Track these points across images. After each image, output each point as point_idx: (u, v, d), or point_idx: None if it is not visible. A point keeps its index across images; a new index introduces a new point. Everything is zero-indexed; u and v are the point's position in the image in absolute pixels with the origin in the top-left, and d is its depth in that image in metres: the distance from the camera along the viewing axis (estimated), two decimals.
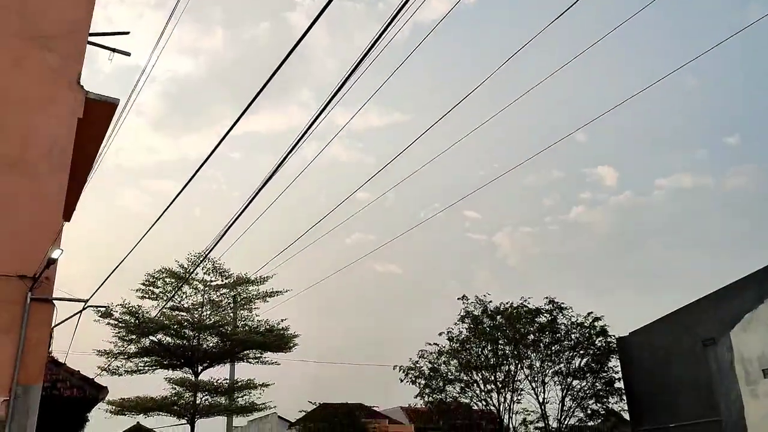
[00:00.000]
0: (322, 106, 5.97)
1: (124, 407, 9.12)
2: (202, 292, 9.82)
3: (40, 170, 9.49)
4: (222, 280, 10.03)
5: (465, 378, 29.97)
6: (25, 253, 9.17)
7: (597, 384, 29.09)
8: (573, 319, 29.30)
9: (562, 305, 29.34)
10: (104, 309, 9.57)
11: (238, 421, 33.79)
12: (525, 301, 29.77)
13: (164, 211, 7.19)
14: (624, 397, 27.49)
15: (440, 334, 30.60)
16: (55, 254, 8.81)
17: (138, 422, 28.08)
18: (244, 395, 9.70)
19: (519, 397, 29.71)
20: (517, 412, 30.28)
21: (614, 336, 28.19)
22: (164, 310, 9.72)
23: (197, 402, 9.36)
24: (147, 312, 9.59)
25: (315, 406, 42.42)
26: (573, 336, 29.10)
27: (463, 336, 30.08)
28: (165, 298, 9.81)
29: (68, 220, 9.83)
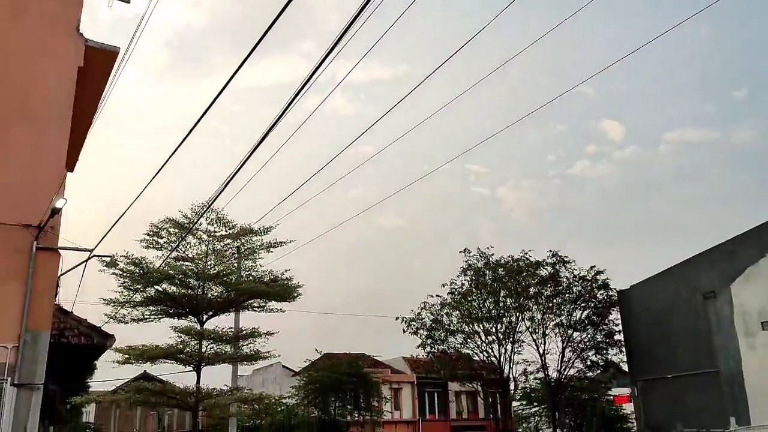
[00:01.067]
0: (324, 56, 5.90)
1: (130, 355, 9.32)
2: (206, 242, 9.92)
3: (42, 120, 9.46)
4: (226, 231, 10.13)
5: (466, 329, 30.40)
6: (29, 203, 9.22)
7: (597, 336, 29.51)
8: (575, 273, 29.54)
9: (565, 258, 29.55)
10: (109, 259, 9.65)
11: (243, 369, 34.43)
12: (527, 254, 29.94)
13: (168, 159, 7.20)
14: (623, 349, 27.90)
15: (443, 286, 30.94)
16: (59, 204, 8.85)
17: (145, 371, 28.68)
18: (249, 344, 9.93)
19: (520, 349, 30.22)
20: (517, 363, 30.87)
21: (615, 289, 28.44)
22: (168, 261, 9.84)
23: (203, 350, 9.55)
24: (151, 262, 9.72)
25: (318, 356, 43.24)
26: (574, 289, 29.37)
27: (465, 288, 30.38)
28: (169, 248, 9.91)
29: (71, 171, 9.84)
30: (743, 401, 20.42)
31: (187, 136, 6.70)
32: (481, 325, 29.98)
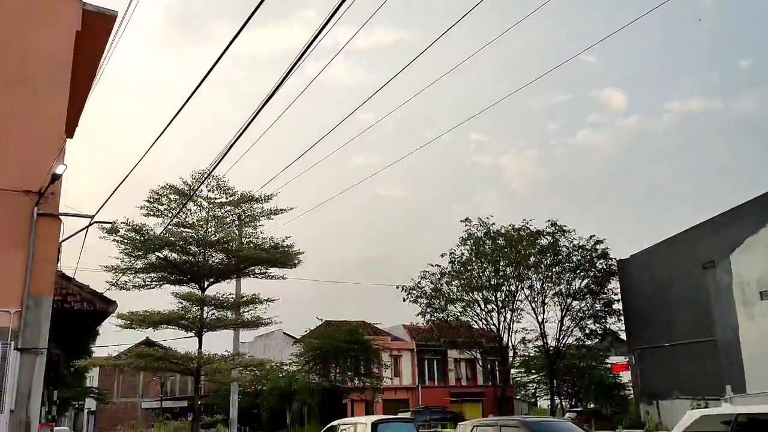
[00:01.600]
0: (325, 21, 5.81)
1: (133, 321, 9.36)
2: (207, 209, 9.89)
3: (40, 85, 9.38)
4: (227, 198, 10.07)
5: (466, 298, 30.59)
6: (29, 169, 9.19)
7: (596, 305, 29.71)
8: (575, 242, 29.61)
9: (565, 228, 29.59)
10: (110, 225, 9.66)
11: (245, 336, 34.74)
12: (527, 223, 29.97)
13: (169, 124, 7.15)
14: (622, 318, 28.11)
15: (442, 256, 31.06)
16: (59, 170, 8.82)
17: (147, 337, 28.91)
18: (250, 310, 9.97)
19: (519, 317, 30.47)
20: (516, 331, 31.14)
21: (615, 258, 28.53)
22: (169, 227, 9.82)
23: (204, 316, 9.60)
24: (152, 229, 9.71)
25: (319, 323, 43.61)
26: (574, 258, 29.48)
27: (464, 257, 30.48)
28: (169, 215, 9.87)
29: (71, 137, 9.79)
30: (739, 369, 20.61)
31: (187, 100, 6.65)
32: (480, 294, 30.17)
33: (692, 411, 10.04)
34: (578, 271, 29.30)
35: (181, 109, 6.77)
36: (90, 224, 10.46)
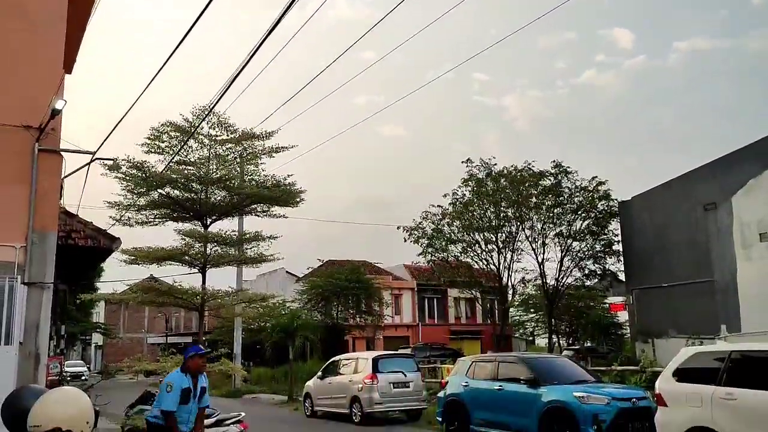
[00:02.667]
0: None
1: (137, 256, 9.45)
2: (208, 147, 9.82)
3: (38, 19, 9.24)
4: (228, 135, 9.98)
5: (467, 239, 30.74)
6: (28, 105, 9.15)
7: (596, 246, 29.87)
8: (577, 183, 29.54)
9: (567, 169, 29.47)
10: (112, 162, 9.65)
11: (248, 274, 35.17)
12: (529, 164, 29.85)
13: (168, 58, 7.04)
14: (621, 259, 28.30)
15: (444, 196, 31.06)
16: (58, 105, 8.76)
17: (151, 275, 29.27)
18: (253, 247, 10.02)
19: (519, 257, 30.69)
20: (516, 271, 31.45)
21: (616, 200, 28.54)
22: (171, 165, 9.79)
23: (207, 252, 9.67)
24: (153, 166, 9.69)
25: (321, 263, 44.09)
26: (576, 199, 29.46)
27: (466, 198, 30.49)
28: (171, 152, 9.82)
29: (69, 72, 9.66)
30: (735, 310, 20.92)
31: (188, 33, 6.52)
32: (481, 235, 30.30)
33: (687, 348, 10.24)
34: (579, 213, 29.34)
35: (180, 43, 6.65)
36: (92, 161, 10.45)
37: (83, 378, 40.22)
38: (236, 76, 7.19)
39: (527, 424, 11.81)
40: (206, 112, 9.15)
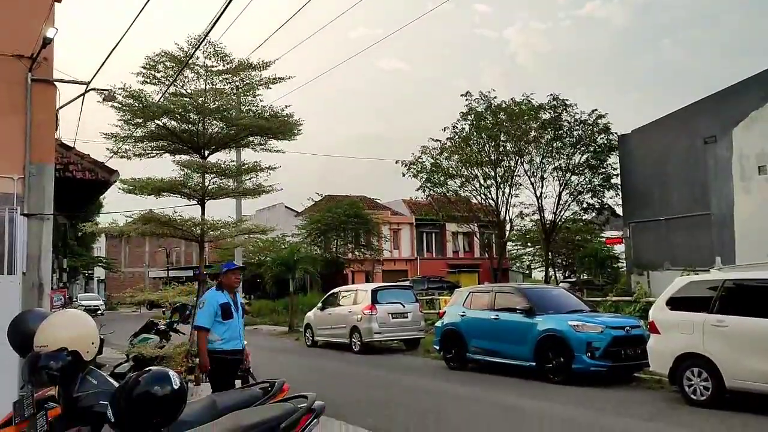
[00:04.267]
0: None
1: (135, 187, 9.44)
2: (204, 78, 9.67)
3: None
4: (224, 66, 9.82)
5: (465, 173, 30.72)
6: (19, 34, 8.97)
7: (594, 179, 29.89)
8: (576, 116, 29.31)
9: (567, 102, 29.18)
10: (107, 92, 9.52)
11: (248, 209, 35.33)
12: (528, 97, 29.51)
13: None
14: (619, 192, 28.36)
15: (443, 130, 30.87)
16: (50, 33, 8.59)
17: (150, 209, 29.30)
18: (251, 178, 10.00)
19: (517, 192, 30.75)
20: (514, 205, 31.58)
21: (616, 133, 28.38)
22: (167, 95, 9.67)
23: (206, 184, 9.68)
24: (150, 96, 9.55)
25: (320, 198, 44.23)
26: (575, 133, 29.29)
27: (465, 132, 30.29)
28: (167, 83, 9.69)
29: (59, 1, 9.42)
30: (731, 242, 21.10)
31: None
32: (480, 169, 30.26)
33: (680, 277, 10.39)
34: (579, 146, 29.21)
35: None
36: (86, 91, 10.33)
37: (100, 313, 38.12)
38: (228, 3, 7.02)
39: (523, 351, 12.10)
40: (201, 40, 9.01)
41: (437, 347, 14.60)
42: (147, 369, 3.15)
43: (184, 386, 3.11)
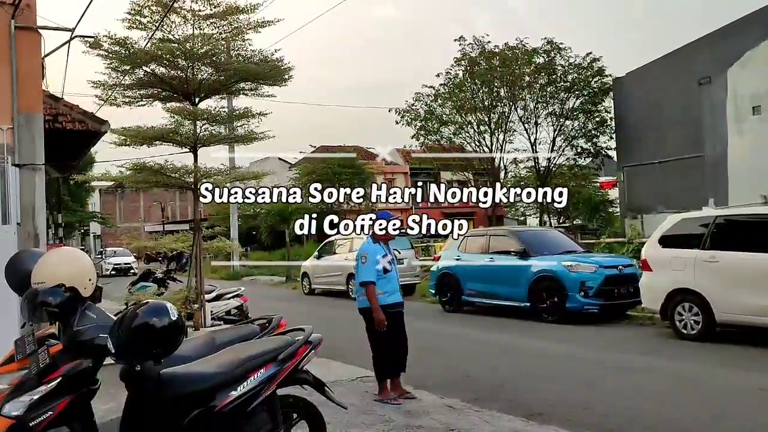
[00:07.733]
0: None
1: (126, 136, 9.31)
2: (192, 22, 9.44)
3: None
4: (211, 9, 9.59)
5: (459, 120, 30.52)
6: None
7: (589, 124, 29.76)
8: (571, 60, 28.99)
9: (561, 45, 28.80)
10: (92, 39, 9.34)
11: (240, 161, 35.10)
12: (522, 41, 29.10)
13: None
14: (614, 136, 28.27)
15: (437, 76, 30.50)
16: None
17: (143, 161, 29.06)
18: (243, 125, 9.87)
19: (511, 138, 30.63)
20: (508, 152, 31.46)
21: (611, 76, 28.12)
22: (154, 41, 9.46)
23: (197, 131, 9.57)
24: (136, 42, 9.35)
25: (314, 149, 44.02)
26: (569, 77, 29.02)
27: (458, 78, 29.98)
28: (153, 28, 9.48)
29: None
30: (724, 183, 21.13)
31: None
32: (474, 116, 30.06)
33: (673, 215, 10.46)
34: (573, 90, 28.97)
35: None
36: (71, 38, 10.12)
37: (133, 272, 32.02)
38: None
39: (517, 292, 12.27)
40: None
41: (433, 291, 14.76)
42: (144, 301, 3.20)
43: (182, 318, 3.17)
